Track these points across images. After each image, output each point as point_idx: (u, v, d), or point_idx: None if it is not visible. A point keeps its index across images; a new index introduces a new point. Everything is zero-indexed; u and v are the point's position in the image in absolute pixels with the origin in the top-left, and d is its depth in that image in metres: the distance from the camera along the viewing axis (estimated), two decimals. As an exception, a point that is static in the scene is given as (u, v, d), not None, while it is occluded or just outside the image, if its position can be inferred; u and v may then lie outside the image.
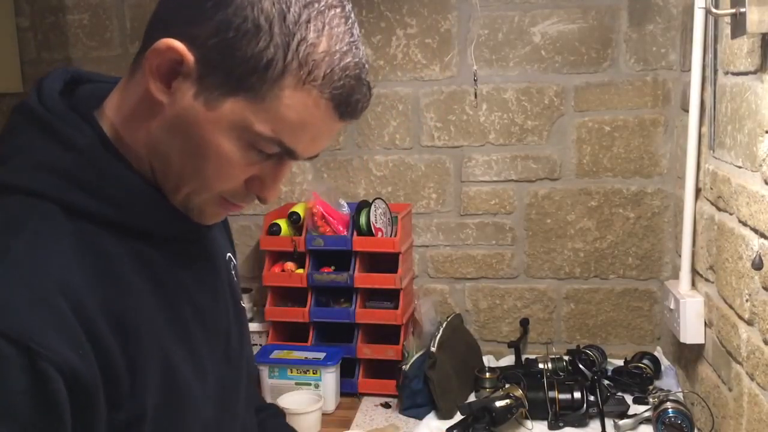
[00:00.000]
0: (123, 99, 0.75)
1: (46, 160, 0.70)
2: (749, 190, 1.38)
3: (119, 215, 0.72)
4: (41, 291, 0.63)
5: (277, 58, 0.68)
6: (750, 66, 1.39)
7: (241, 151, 0.72)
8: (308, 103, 0.70)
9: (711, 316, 1.65)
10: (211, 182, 0.74)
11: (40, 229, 0.67)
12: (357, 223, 2.01)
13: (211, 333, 0.83)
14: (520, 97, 2.12)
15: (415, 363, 1.89)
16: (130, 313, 0.70)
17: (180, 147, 0.72)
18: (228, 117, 0.70)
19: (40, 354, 0.61)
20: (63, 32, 2.29)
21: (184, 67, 0.69)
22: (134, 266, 0.73)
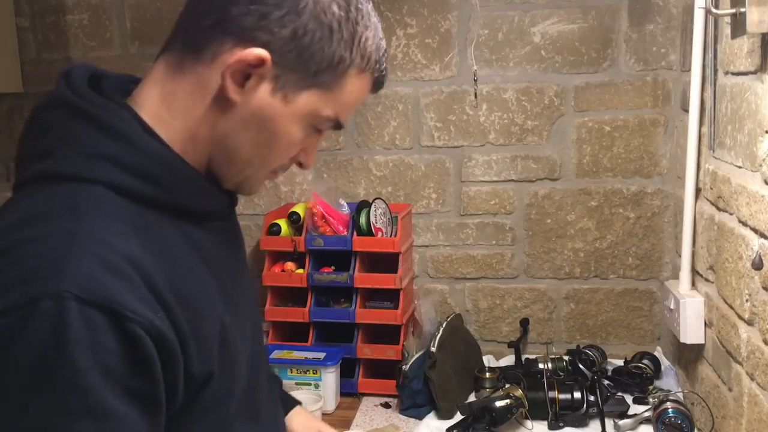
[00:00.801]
0: (169, 96, 0.79)
1: (94, 148, 0.74)
2: (749, 190, 1.38)
3: (166, 195, 0.77)
4: (114, 263, 0.67)
5: (346, 54, 0.79)
6: (750, 66, 1.39)
7: (304, 132, 0.82)
8: (363, 86, 0.83)
9: (711, 316, 1.65)
10: (273, 163, 0.83)
11: (98, 209, 0.71)
12: (357, 223, 2.01)
13: (247, 307, 0.91)
14: (520, 97, 2.12)
15: (415, 363, 1.89)
16: (188, 286, 0.75)
17: (253, 139, 0.80)
18: (302, 108, 0.79)
19: (127, 317, 0.65)
20: (63, 32, 2.29)
21: (262, 70, 0.76)
22: (183, 243, 0.78)
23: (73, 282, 0.65)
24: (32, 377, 0.63)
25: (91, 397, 0.64)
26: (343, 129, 0.89)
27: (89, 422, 0.64)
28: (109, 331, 0.65)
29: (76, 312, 0.64)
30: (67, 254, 0.66)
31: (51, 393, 0.63)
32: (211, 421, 0.79)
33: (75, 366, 0.63)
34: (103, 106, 0.76)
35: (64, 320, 0.63)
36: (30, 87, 2.32)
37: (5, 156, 2.38)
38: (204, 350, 0.75)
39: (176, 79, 0.79)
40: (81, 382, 0.64)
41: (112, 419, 0.65)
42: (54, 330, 0.63)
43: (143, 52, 2.24)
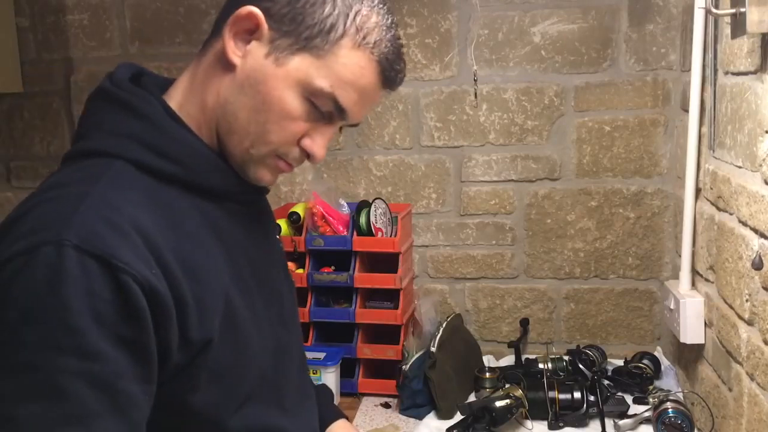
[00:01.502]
0: (191, 76, 0.87)
1: (119, 127, 0.82)
2: (749, 190, 1.38)
3: (183, 172, 0.83)
4: (117, 223, 0.73)
5: (339, 23, 0.82)
6: (750, 66, 1.39)
7: (300, 105, 0.84)
8: (362, 63, 0.84)
9: (711, 316, 1.65)
10: (272, 135, 0.85)
11: (114, 179, 0.78)
12: (357, 223, 2.01)
13: (266, 290, 0.93)
14: (520, 97, 2.12)
15: (415, 363, 1.89)
16: (195, 257, 0.80)
17: (248, 104, 0.83)
18: (293, 73, 0.82)
19: (121, 268, 0.70)
20: (63, 32, 2.29)
21: (258, 33, 0.82)
22: (197, 219, 0.83)
23: (74, 233, 0.70)
24: (28, 315, 0.68)
25: (81, 338, 0.69)
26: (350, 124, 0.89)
27: (77, 360, 0.68)
28: (103, 279, 0.70)
29: (74, 259, 0.69)
30: (74, 211, 0.73)
31: (44, 330, 0.68)
32: (219, 395, 0.83)
33: (68, 307, 0.68)
34: (132, 93, 0.84)
35: (62, 265, 0.69)
36: (30, 87, 2.32)
37: (5, 156, 2.39)
38: (204, 316, 0.78)
39: (199, 61, 0.87)
40: (72, 322, 0.68)
41: (100, 360, 0.69)
42: (51, 273, 0.69)
43: (143, 52, 2.24)
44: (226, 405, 0.84)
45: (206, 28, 2.20)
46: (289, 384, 0.97)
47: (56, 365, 0.68)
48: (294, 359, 1.00)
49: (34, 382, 0.68)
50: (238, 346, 0.84)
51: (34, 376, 0.68)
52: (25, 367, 0.68)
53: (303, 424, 1.00)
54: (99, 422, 0.70)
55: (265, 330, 0.90)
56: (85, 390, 0.69)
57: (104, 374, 0.70)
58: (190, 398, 0.80)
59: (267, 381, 0.90)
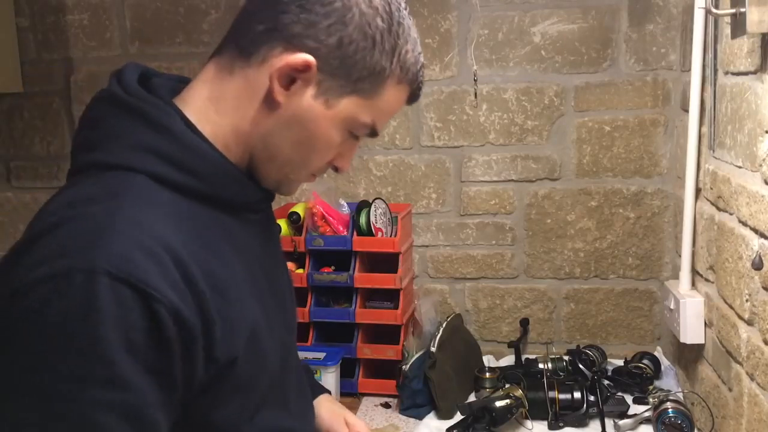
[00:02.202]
0: (216, 92, 0.85)
1: (138, 140, 0.80)
2: (749, 190, 1.38)
3: (203, 186, 0.82)
4: (147, 245, 0.72)
5: (386, 65, 0.84)
6: (750, 66, 1.39)
7: (341, 137, 0.87)
8: (401, 96, 0.88)
9: (711, 316, 1.65)
10: (311, 164, 0.88)
11: (138, 195, 0.76)
12: (357, 223, 2.01)
13: (277, 297, 0.94)
14: (520, 97, 2.12)
15: (415, 363, 1.89)
16: (219, 272, 0.79)
17: (293, 138, 0.85)
18: (342, 113, 0.84)
19: (155, 297, 0.69)
20: (63, 32, 2.29)
21: (308, 75, 0.81)
22: (218, 231, 0.83)
23: (106, 259, 0.69)
24: (60, 344, 0.67)
25: (114, 369, 0.68)
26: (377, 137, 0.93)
27: (108, 391, 0.68)
28: (136, 308, 0.69)
29: (107, 287, 0.68)
30: (103, 233, 0.71)
31: (77, 361, 0.67)
32: (239, 406, 0.83)
33: (101, 337, 0.67)
34: (149, 102, 0.81)
35: (95, 293, 0.67)
36: (30, 87, 2.32)
37: (5, 156, 2.38)
38: (230, 334, 0.78)
39: (226, 79, 0.84)
40: (106, 353, 0.67)
41: (130, 391, 0.69)
42: (85, 302, 0.67)
43: (143, 52, 2.25)
44: (242, 415, 0.84)
45: (206, 28, 2.20)
46: (292, 385, 0.98)
47: (88, 396, 0.67)
48: (294, 360, 1.01)
49: (65, 412, 0.67)
50: (257, 358, 0.84)
51: (65, 406, 0.67)
52: (56, 396, 0.67)
53: (306, 423, 1.02)
54: None
55: (276, 336, 0.90)
56: (115, 421, 0.69)
57: (134, 404, 0.70)
58: (212, 413, 0.80)
59: (275, 386, 0.90)
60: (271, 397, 0.89)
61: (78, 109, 2.31)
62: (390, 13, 0.83)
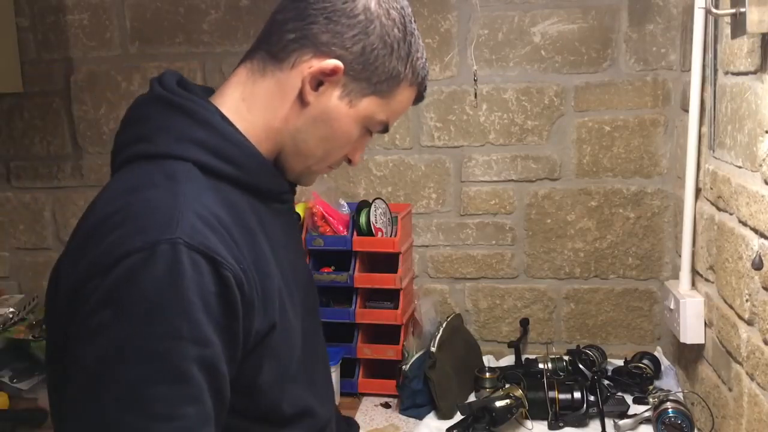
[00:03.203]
0: (249, 92, 0.96)
1: (184, 133, 0.90)
2: (749, 190, 1.38)
3: (241, 174, 0.92)
4: (209, 220, 0.82)
5: (401, 68, 0.97)
6: (750, 66, 1.39)
7: (359, 132, 0.99)
8: (411, 97, 1.01)
9: (711, 316, 1.65)
10: (333, 157, 1.00)
11: (190, 180, 0.86)
12: (357, 223, 2.01)
13: (300, 285, 1.02)
14: (520, 97, 2.12)
15: (415, 363, 1.89)
16: (255, 250, 0.88)
17: (319, 134, 0.96)
18: (362, 112, 0.96)
19: (222, 263, 0.79)
20: (63, 32, 2.29)
21: (335, 78, 0.93)
22: (252, 216, 0.92)
23: (182, 231, 0.78)
24: (154, 307, 0.76)
25: (197, 327, 0.77)
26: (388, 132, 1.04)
27: (195, 347, 0.77)
28: (209, 273, 0.78)
29: (187, 256, 0.77)
30: (174, 210, 0.80)
31: (169, 321, 0.76)
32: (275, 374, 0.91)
33: (187, 299, 0.76)
34: (192, 100, 0.92)
35: (179, 260, 0.77)
36: (30, 87, 2.32)
37: (5, 156, 2.38)
38: (268, 303, 0.88)
39: (258, 81, 0.95)
40: (191, 313, 0.77)
41: (209, 346, 0.78)
42: (171, 269, 0.76)
43: (143, 52, 2.25)
44: (281, 386, 0.93)
45: (206, 28, 2.20)
46: (316, 368, 1.06)
47: (180, 352, 0.76)
48: (318, 348, 1.10)
49: (163, 367, 0.76)
50: (287, 330, 0.93)
51: (162, 362, 0.76)
52: (154, 354, 0.75)
53: (329, 407, 1.09)
54: (207, 399, 0.79)
55: (299, 317, 0.98)
56: (200, 373, 0.78)
57: (211, 357, 0.78)
58: (257, 377, 0.89)
59: (301, 364, 0.98)
60: (299, 373, 0.97)
61: (78, 109, 2.31)
62: (404, 24, 0.95)
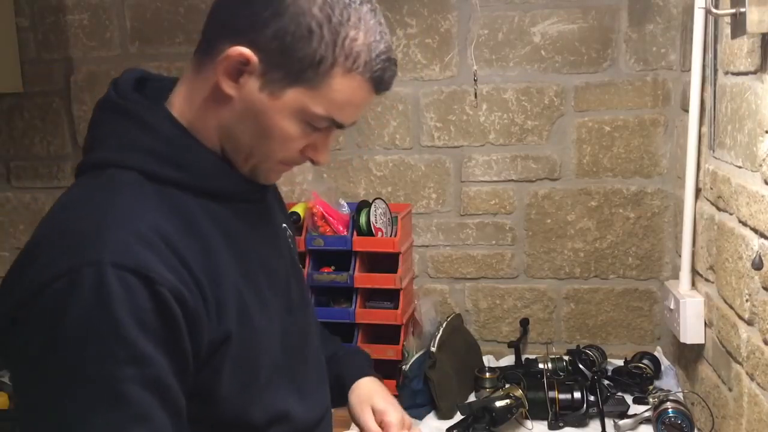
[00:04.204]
0: (190, 93, 0.90)
1: (127, 138, 0.86)
2: (749, 190, 1.38)
3: (191, 178, 0.87)
4: (144, 234, 0.79)
5: (328, 54, 0.83)
6: (750, 66, 1.39)
7: (299, 128, 0.88)
8: (354, 86, 0.86)
9: (711, 316, 1.65)
10: (275, 154, 0.91)
11: (131, 191, 0.83)
12: (357, 223, 2.01)
13: (274, 283, 0.98)
14: (520, 97, 2.12)
15: (415, 363, 1.89)
16: (210, 257, 0.85)
17: (249, 130, 0.88)
18: (289, 104, 0.86)
19: (156, 280, 0.76)
20: (63, 32, 2.29)
21: (250, 67, 0.84)
22: (207, 220, 0.88)
23: (109, 251, 0.76)
24: (84, 333, 0.74)
25: (133, 347, 0.75)
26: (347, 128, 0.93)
27: (134, 368, 0.75)
28: (142, 292, 0.76)
29: (114, 276, 0.75)
30: (104, 228, 0.78)
31: (102, 345, 0.74)
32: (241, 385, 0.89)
33: (118, 321, 0.74)
34: (138, 104, 0.88)
35: (105, 282, 0.74)
36: (30, 87, 2.32)
37: (5, 156, 2.38)
38: (223, 314, 0.85)
39: (197, 78, 0.89)
40: (124, 334, 0.75)
41: (148, 364, 0.76)
42: (98, 292, 0.74)
43: (143, 52, 2.25)
44: (248, 394, 0.90)
45: (206, 28, 2.20)
46: (302, 368, 1.02)
47: (117, 375, 0.75)
48: (304, 343, 1.04)
49: (101, 392, 0.75)
50: (251, 337, 0.89)
51: (99, 387, 0.75)
52: (90, 380, 0.74)
53: (315, 404, 1.05)
54: (157, 415, 0.78)
55: (274, 319, 0.95)
56: (142, 392, 0.76)
57: (153, 375, 0.77)
58: (216, 389, 0.86)
59: (279, 368, 0.95)
60: (274, 378, 0.94)
61: (78, 109, 2.31)
62: (331, 2, 0.83)
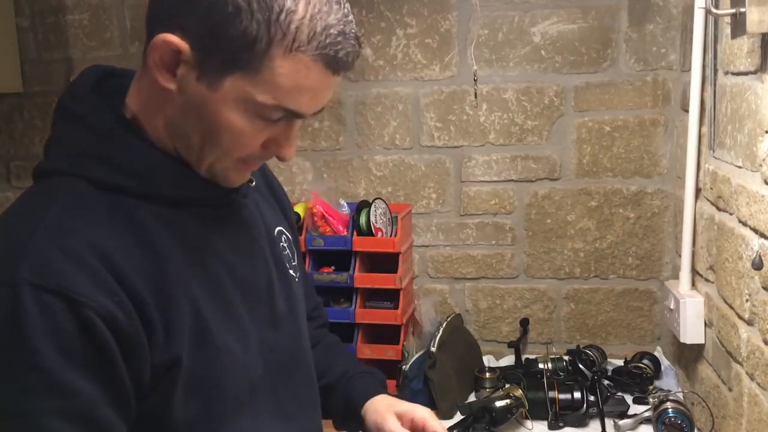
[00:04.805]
0: (138, 90, 0.82)
1: (75, 144, 0.79)
2: (749, 190, 1.38)
3: (140, 184, 0.79)
4: (75, 251, 0.71)
5: (261, 32, 0.72)
6: (750, 66, 1.39)
7: (249, 121, 0.77)
8: (300, 68, 0.75)
9: (711, 316, 1.65)
10: (230, 152, 0.80)
11: (71, 199, 0.76)
12: (357, 223, 2.01)
13: (251, 296, 0.88)
14: (520, 97, 2.12)
15: (415, 363, 1.89)
16: (161, 272, 0.77)
17: (195, 126, 0.78)
18: (230, 94, 0.75)
19: (81, 302, 0.69)
20: (63, 32, 2.29)
21: (183, 56, 0.75)
22: (162, 230, 0.79)
23: (28, 269, 0.69)
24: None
25: (51, 377, 0.68)
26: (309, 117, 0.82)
27: (52, 399, 0.68)
28: (64, 314, 0.68)
29: (31, 297, 0.68)
30: (27, 243, 0.70)
31: (14, 375, 0.68)
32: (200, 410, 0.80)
33: (32, 348, 0.67)
34: (89, 106, 0.80)
35: (19, 304, 0.67)
36: (30, 87, 2.32)
37: (5, 156, 2.38)
38: (171, 335, 0.76)
39: (141, 78, 0.82)
40: (40, 363, 0.68)
41: (73, 395, 0.69)
42: (10, 315, 0.67)
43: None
44: (211, 420, 0.82)
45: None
46: (286, 387, 0.93)
47: (33, 408, 0.68)
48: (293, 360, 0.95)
49: (16, 427, 0.68)
50: (212, 357, 0.81)
51: (15, 423, 0.68)
52: (4, 414, 0.68)
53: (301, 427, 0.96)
54: None
55: (250, 335, 0.86)
56: (65, 425, 0.69)
57: (80, 407, 0.70)
58: (168, 415, 0.78)
59: (258, 387, 0.87)
60: (252, 400, 0.86)
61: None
62: None
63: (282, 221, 1.03)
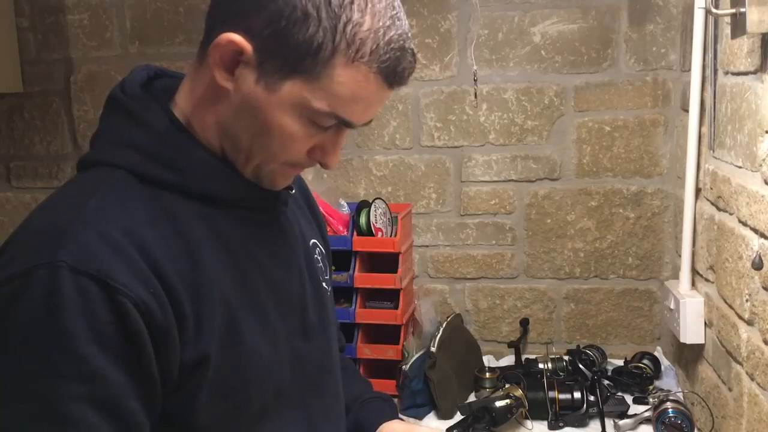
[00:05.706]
0: (191, 88, 0.83)
1: (124, 138, 0.80)
2: (749, 190, 1.38)
3: (183, 180, 0.80)
4: (114, 238, 0.72)
5: (327, 40, 0.74)
6: (750, 66, 1.39)
7: (302, 126, 0.78)
8: (359, 78, 0.76)
9: (711, 316, 1.65)
10: (278, 155, 0.81)
11: (113, 190, 0.77)
12: (357, 223, 2.01)
13: (284, 303, 0.88)
14: (520, 97, 2.12)
15: (415, 363, 1.89)
16: (196, 268, 0.77)
17: (247, 127, 0.79)
18: (287, 98, 0.76)
19: (117, 289, 0.69)
20: (63, 32, 2.29)
21: (244, 57, 0.76)
22: (201, 227, 0.80)
23: (68, 252, 0.69)
24: (28, 342, 0.68)
25: (82, 362, 0.68)
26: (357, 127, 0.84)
27: (80, 385, 0.68)
28: (100, 300, 0.69)
29: (69, 280, 0.68)
30: (68, 227, 0.71)
31: (45, 358, 0.68)
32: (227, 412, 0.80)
33: (67, 332, 0.67)
34: (138, 100, 0.81)
35: (57, 287, 0.68)
36: (30, 87, 2.32)
37: (5, 156, 2.38)
38: (201, 332, 0.76)
39: (197, 72, 0.82)
40: (73, 347, 0.68)
41: (103, 383, 0.69)
42: (47, 297, 0.68)
43: (143, 52, 2.24)
44: (237, 423, 0.81)
45: (206, 28, 2.20)
46: (314, 396, 0.92)
47: (60, 392, 0.68)
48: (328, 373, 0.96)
49: (41, 410, 0.68)
50: (239, 361, 0.80)
51: (40, 404, 0.68)
52: (31, 395, 0.68)
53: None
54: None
55: (281, 344, 0.86)
56: (91, 413, 0.69)
57: (108, 395, 0.70)
58: (193, 416, 0.78)
59: (285, 396, 0.86)
60: (278, 407, 0.85)
61: (78, 109, 2.31)
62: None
63: (317, 235, 1.03)
